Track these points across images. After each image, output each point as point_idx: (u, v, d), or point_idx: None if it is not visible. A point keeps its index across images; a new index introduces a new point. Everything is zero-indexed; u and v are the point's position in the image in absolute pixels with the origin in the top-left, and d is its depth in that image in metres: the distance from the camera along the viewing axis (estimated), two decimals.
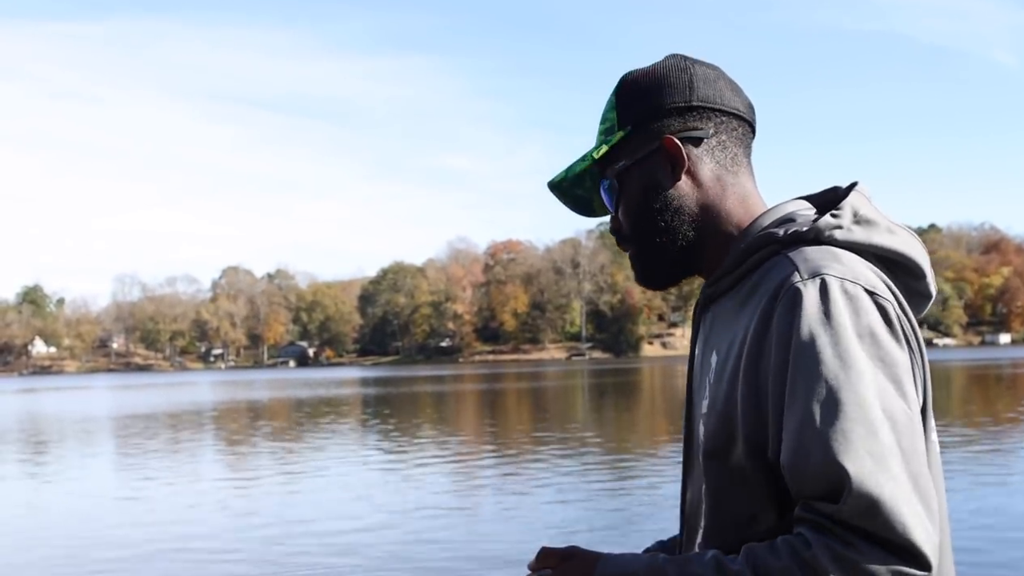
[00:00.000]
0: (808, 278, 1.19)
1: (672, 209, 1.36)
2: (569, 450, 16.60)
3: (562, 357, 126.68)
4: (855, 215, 1.28)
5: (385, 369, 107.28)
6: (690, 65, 1.39)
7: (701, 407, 1.33)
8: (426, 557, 8.53)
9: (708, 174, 1.37)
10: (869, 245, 1.27)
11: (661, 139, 1.36)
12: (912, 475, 1.13)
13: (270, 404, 38.60)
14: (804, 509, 1.15)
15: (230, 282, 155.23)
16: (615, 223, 1.42)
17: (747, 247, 1.31)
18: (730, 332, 1.29)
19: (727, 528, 1.27)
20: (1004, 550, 8.13)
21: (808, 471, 1.14)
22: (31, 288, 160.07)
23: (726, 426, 1.24)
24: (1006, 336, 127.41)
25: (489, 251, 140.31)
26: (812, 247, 1.25)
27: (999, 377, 41.49)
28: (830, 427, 1.13)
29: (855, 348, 1.16)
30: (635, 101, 1.38)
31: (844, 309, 1.17)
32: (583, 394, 39.46)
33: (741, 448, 1.23)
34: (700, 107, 1.37)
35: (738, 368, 1.23)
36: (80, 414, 35.04)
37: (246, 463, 17.27)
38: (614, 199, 1.40)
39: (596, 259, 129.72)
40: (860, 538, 1.11)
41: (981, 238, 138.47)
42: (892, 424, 1.13)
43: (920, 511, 1.12)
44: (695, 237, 1.36)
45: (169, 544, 9.53)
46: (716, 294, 1.36)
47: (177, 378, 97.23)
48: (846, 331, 1.16)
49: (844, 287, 1.19)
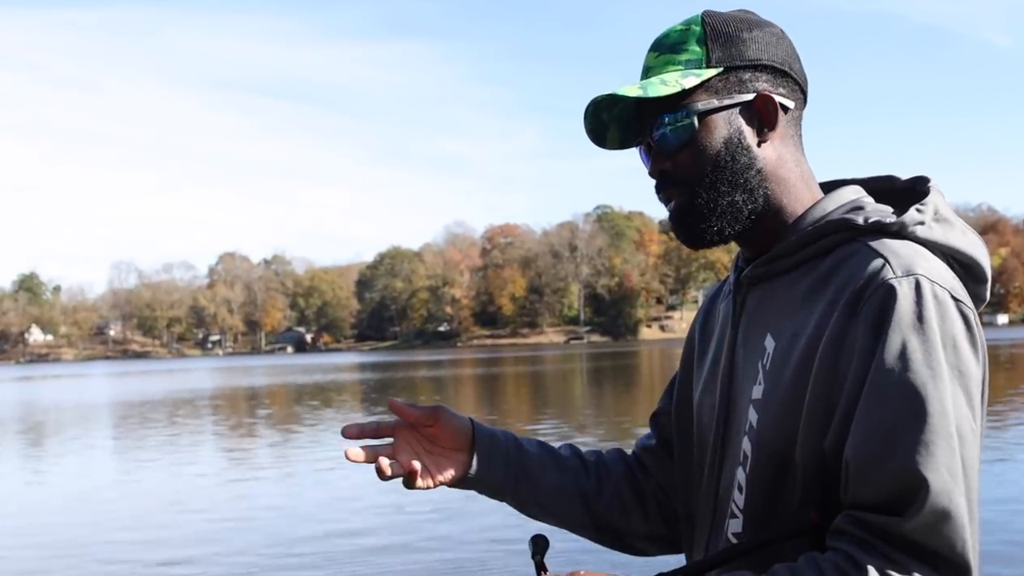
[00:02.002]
0: (903, 276, 1.15)
1: (754, 170, 1.28)
2: (568, 434, 16.56)
3: (560, 341, 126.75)
4: (936, 213, 1.24)
5: (383, 354, 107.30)
6: (780, 31, 1.33)
7: (750, 392, 1.27)
8: (423, 541, 8.48)
9: (785, 146, 1.31)
10: (945, 245, 1.23)
11: (758, 93, 1.29)
12: (968, 491, 1.11)
13: (268, 390, 38.57)
14: (851, 522, 1.12)
15: (227, 268, 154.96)
16: (665, 163, 1.30)
17: (817, 229, 1.25)
18: (795, 317, 1.24)
19: (772, 517, 1.23)
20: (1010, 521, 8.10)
21: (878, 475, 1.11)
22: (27, 275, 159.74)
23: (791, 417, 1.20)
24: (1003, 316, 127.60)
25: (486, 235, 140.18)
26: (895, 240, 1.20)
27: (997, 357, 41.56)
28: (913, 435, 1.10)
29: (941, 357, 1.13)
30: (732, 44, 1.29)
31: (934, 314, 1.14)
32: (582, 378, 39.44)
33: (803, 440, 1.19)
34: (790, 76, 1.32)
35: (812, 357, 1.18)
36: (78, 402, 34.99)
37: (244, 449, 17.23)
38: (680, 139, 1.28)
39: (594, 242, 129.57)
40: (912, 558, 1.09)
41: (978, 219, 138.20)
42: (961, 439, 1.12)
43: (975, 530, 1.11)
44: (763, 205, 1.29)
45: (167, 531, 9.49)
46: (770, 274, 1.30)
47: (175, 365, 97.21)
48: (936, 337, 1.13)
49: (935, 291, 1.15)
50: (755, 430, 1.25)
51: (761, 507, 1.25)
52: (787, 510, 1.22)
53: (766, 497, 1.24)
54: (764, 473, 1.24)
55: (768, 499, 1.24)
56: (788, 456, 1.20)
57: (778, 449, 1.22)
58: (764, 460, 1.24)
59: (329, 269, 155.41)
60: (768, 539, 1.22)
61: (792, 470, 1.21)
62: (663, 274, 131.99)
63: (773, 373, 1.24)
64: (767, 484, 1.24)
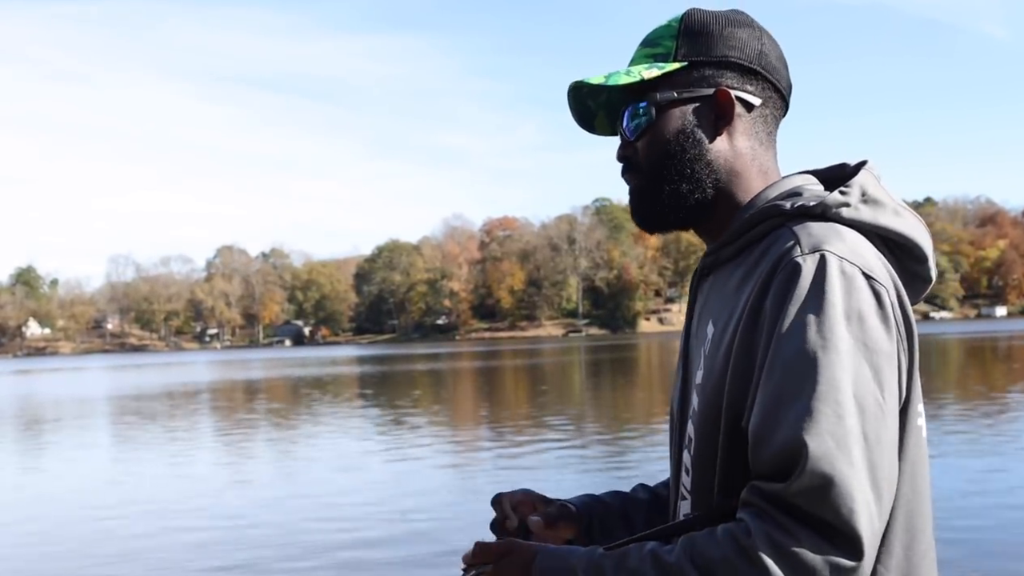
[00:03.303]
0: (808, 252, 1.18)
1: (703, 162, 1.33)
2: (566, 426, 16.50)
3: (559, 334, 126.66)
4: (863, 194, 1.26)
5: (381, 347, 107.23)
6: (761, 31, 1.37)
7: (696, 377, 1.32)
8: (421, 534, 8.44)
9: (744, 141, 1.34)
10: (874, 226, 1.25)
11: (717, 88, 1.33)
12: (871, 464, 1.12)
13: (266, 384, 38.50)
14: (751, 492, 1.16)
15: (225, 261, 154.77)
16: (628, 150, 1.37)
17: (752, 217, 1.30)
18: (730, 303, 1.28)
19: (711, 496, 1.26)
20: (1001, 514, 8.11)
21: (769, 445, 1.14)
22: (25, 269, 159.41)
23: (719, 398, 1.24)
24: (1002, 309, 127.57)
25: (485, 228, 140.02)
26: (817, 223, 1.23)
27: (995, 350, 41.51)
28: (799, 403, 1.12)
29: (840, 329, 1.14)
30: (701, 39, 1.34)
31: (838, 288, 1.16)
32: (580, 371, 39.36)
33: (729, 420, 1.22)
34: (760, 75, 1.35)
35: (734, 340, 1.23)
36: (75, 395, 34.91)
37: (242, 443, 17.16)
38: (641, 127, 1.35)
39: (592, 235, 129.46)
40: (800, 523, 1.10)
41: (977, 211, 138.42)
42: (860, 410, 1.13)
43: (870, 500, 1.11)
44: (711, 197, 1.34)
45: (165, 522, 9.43)
46: (717, 263, 1.35)
47: (172, 358, 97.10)
48: (835, 310, 1.15)
49: (842, 266, 1.17)
50: (696, 413, 1.29)
51: (704, 489, 1.27)
52: (723, 490, 1.24)
53: (710, 480, 1.26)
54: (704, 455, 1.27)
55: (711, 481, 1.26)
56: (719, 436, 1.24)
57: (710, 431, 1.25)
58: (702, 442, 1.27)
59: (327, 262, 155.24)
60: (690, 522, 1.24)
61: (723, 450, 1.24)
62: (662, 267, 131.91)
63: (709, 358, 1.28)
64: (706, 465, 1.27)
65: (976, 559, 6.80)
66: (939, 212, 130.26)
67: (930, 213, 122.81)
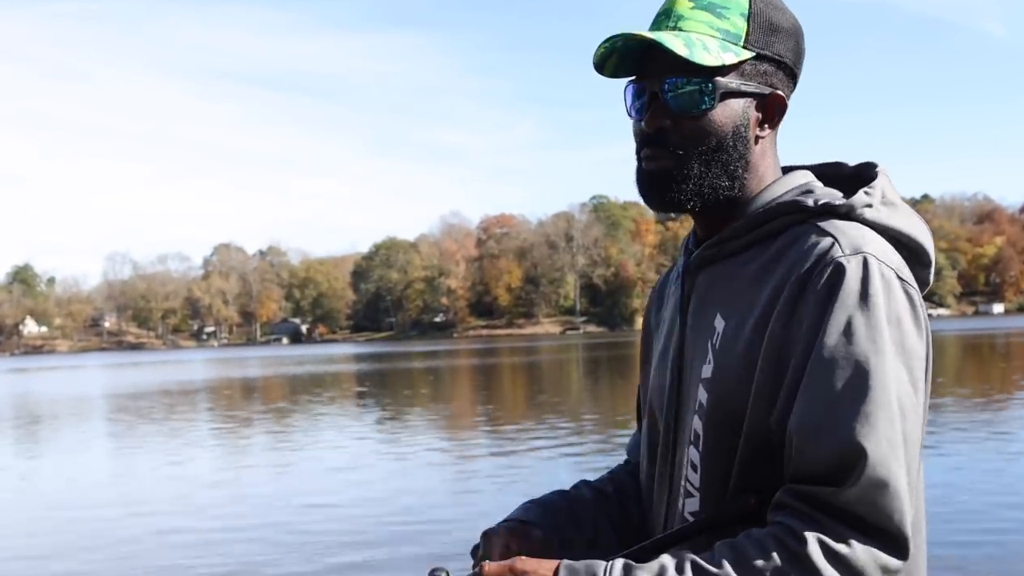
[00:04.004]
0: (851, 254, 1.17)
1: (745, 161, 1.30)
2: (564, 424, 16.45)
3: (556, 331, 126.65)
4: (883, 195, 1.27)
5: (379, 345, 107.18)
6: (801, 28, 1.35)
7: (700, 371, 1.28)
8: (419, 534, 8.39)
9: (771, 142, 1.33)
10: (889, 228, 1.25)
11: (772, 90, 1.30)
12: (910, 467, 1.13)
13: (263, 382, 38.43)
14: (791, 495, 1.13)
15: (222, 259, 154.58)
16: (665, 121, 1.28)
17: (768, 211, 1.27)
18: (745, 297, 1.25)
19: (724, 494, 1.24)
20: (999, 512, 8.06)
21: (818, 446, 1.12)
22: (22, 267, 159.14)
23: (741, 395, 1.21)
24: (999, 306, 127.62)
25: (482, 226, 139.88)
26: (843, 221, 1.23)
27: (993, 347, 41.52)
28: (854, 407, 1.11)
29: (886, 332, 1.14)
30: (770, 31, 1.29)
31: (880, 291, 1.15)
32: (578, 368, 39.34)
33: (751, 417, 1.20)
34: (796, 79, 1.34)
35: (761, 336, 1.20)
36: (72, 394, 34.83)
37: (238, 442, 17.11)
38: (694, 108, 1.27)
39: (589, 233, 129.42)
40: (850, 528, 1.10)
41: (974, 208, 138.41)
42: (903, 413, 1.13)
43: (914, 504, 1.14)
44: (736, 193, 1.31)
45: (161, 522, 9.37)
46: (720, 255, 1.32)
47: (170, 356, 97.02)
48: (880, 313, 1.14)
49: (881, 269, 1.17)
50: (704, 409, 1.26)
51: (718, 487, 1.24)
52: (741, 488, 1.22)
53: (723, 477, 1.24)
54: (718, 452, 1.24)
55: (724, 479, 1.23)
56: (738, 433, 1.21)
57: (730, 427, 1.22)
58: (716, 439, 1.24)
59: (324, 260, 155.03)
60: (707, 522, 1.22)
61: (745, 448, 1.21)
62: (659, 264, 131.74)
63: (723, 353, 1.25)
64: (722, 463, 1.23)
65: (976, 561, 6.74)
66: (936, 209, 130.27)
67: (928, 210, 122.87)
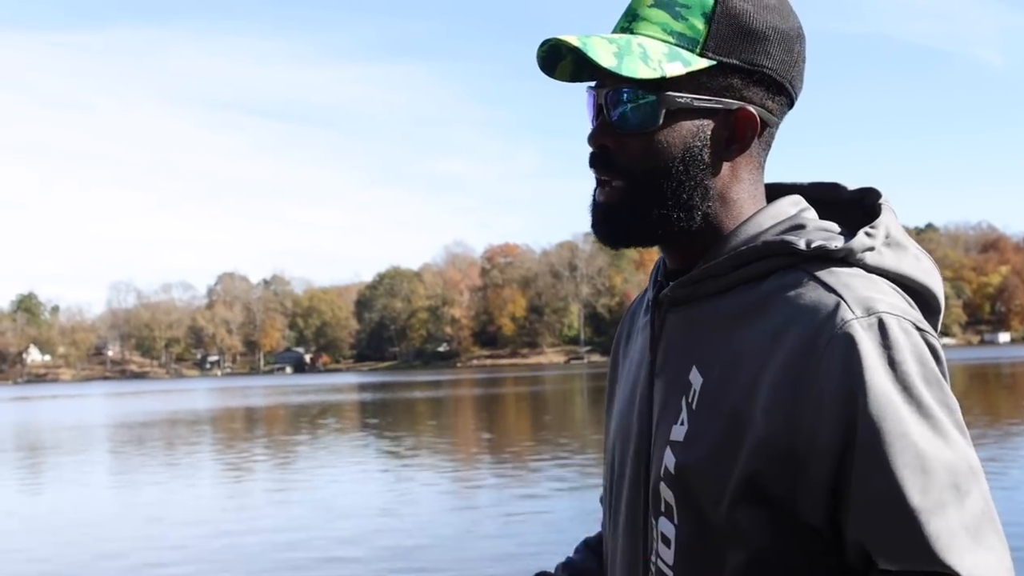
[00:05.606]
0: (862, 316, 1.00)
1: (702, 188, 1.10)
2: (568, 455, 16.33)
3: (560, 361, 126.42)
4: (887, 236, 1.09)
5: (382, 375, 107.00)
6: (800, 28, 1.14)
7: (669, 432, 1.10)
8: (423, 563, 8.29)
9: (747, 165, 1.13)
10: (896, 273, 1.08)
11: (742, 105, 1.09)
12: (1000, 534, 1.00)
13: (267, 411, 38.32)
14: None
15: (226, 288, 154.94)
16: (607, 139, 1.11)
17: (753, 250, 1.08)
18: (726, 351, 1.07)
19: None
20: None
21: (904, 551, 0.97)
22: (25, 296, 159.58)
23: (725, 467, 1.03)
24: (1005, 335, 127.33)
25: (486, 255, 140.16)
26: (843, 269, 1.05)
27: (999, 376, 41.33)
28: (928, 497, 0.96)
29: (932, 402, 0.99)
30: (737, 36, 1.08)
31: (908, 356, 1.00)
32: (583, 398, 39.19)
33: (742, 496, 1.02)
34: (787, 91, 1.13)
35: (752, 403, 1.03)
36: (75, 423, 34.71)
37: (240, 471, 16.98)
38: (636, 126, 1.09)
39: (593, 262, 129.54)
40: None
41: (979, 237, 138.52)
42: (977, 478, 0.99)
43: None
44: (699, 224, 1.12)
45: (163, 551, 9.28)
46: (695, 296, 1.12)
47: (173, 385, 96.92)
48: (917, 381, 0.99)
49: (901, 326, 1.01)
50: (673, 476, 1.08)
51: (696, 566, 1.07)
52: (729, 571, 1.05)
53: (707, 557, 1.06)
54: (695, 526, 1.07)
55: (707, 558, 1.06)
56: (719, 512, 1.04)
57: (711, 500, 1.04)
58: (691, 513, 1.07)
59: (328, 289, 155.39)
60: None
61: (723, 530, 1.04)
62: None
63: (701, 415, 1.07)
64: (704, 542, 1.06)
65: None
66: (941, 238, 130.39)
67: (932, 239, 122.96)
